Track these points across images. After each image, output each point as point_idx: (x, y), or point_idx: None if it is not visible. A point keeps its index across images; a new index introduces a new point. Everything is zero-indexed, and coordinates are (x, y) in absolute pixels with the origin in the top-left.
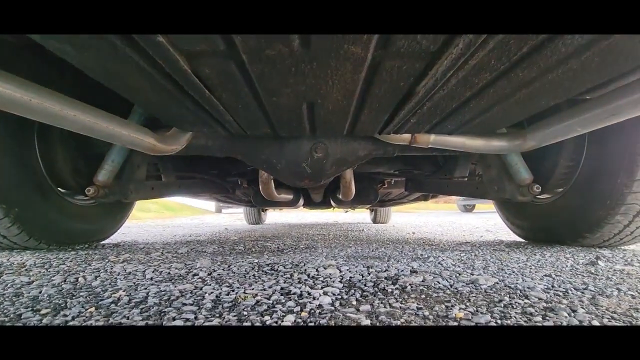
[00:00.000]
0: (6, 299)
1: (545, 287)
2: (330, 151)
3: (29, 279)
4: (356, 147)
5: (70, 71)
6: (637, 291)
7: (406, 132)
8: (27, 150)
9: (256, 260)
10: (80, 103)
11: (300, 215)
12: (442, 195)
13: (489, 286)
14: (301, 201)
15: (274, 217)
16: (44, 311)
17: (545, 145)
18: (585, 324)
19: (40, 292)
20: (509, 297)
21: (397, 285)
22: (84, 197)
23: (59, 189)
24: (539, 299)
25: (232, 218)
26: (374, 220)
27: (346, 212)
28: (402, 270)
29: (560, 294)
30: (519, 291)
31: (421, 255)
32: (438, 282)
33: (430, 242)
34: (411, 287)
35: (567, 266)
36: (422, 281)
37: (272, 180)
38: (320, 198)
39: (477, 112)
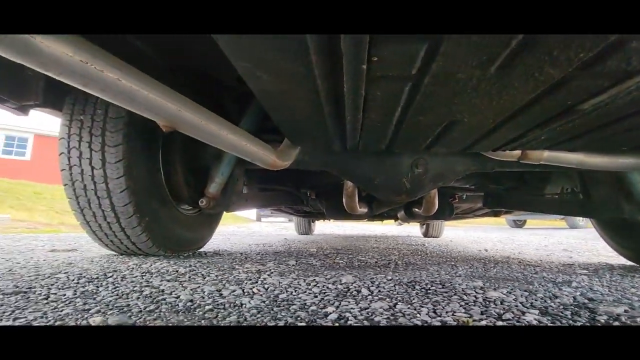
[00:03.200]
0: (235, 310)
1: None
2: (430, 166)
3: (211, 287)
4: (455, 162)
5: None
6: None
7: (518, 148)
8: (155, 162)
9: (389, 277)
10: (227, 122)
11: (341, 227)
12: (531, 212)
13: None
14: (371, 214)
15: (318, 228)
16: (280, 324)
17: None
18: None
19: (250, 303)
20: None
21: (604, 316)
22: (188, 207)
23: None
24: None
25: (275, 227)
26: (425, 234)
27: (400, 225)
28: (576, 298)
29: None
30: None
31: (552, 278)
32: None
33: (528, 262)
34: (626, 318)
35: None
36: (626, 312)
37: (357, 193)
38: (387, 211)
39: (625, 129)
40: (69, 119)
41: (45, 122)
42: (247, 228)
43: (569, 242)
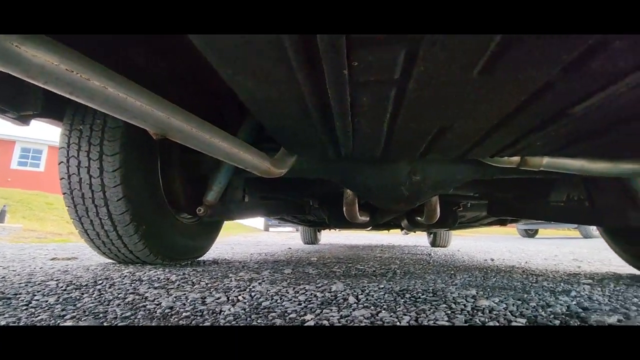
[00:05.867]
0: (215, 317)
1: None
2: (428, 174)
3: (196, 294)
4: (455, 170)
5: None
6: None
7: (517, 155)
8: (153, 171)
9: (381, 286)
10: (219, 130)
11: (349, 237)
12: (536, 220)
13: None
14: (373, 222)
15: (324, 238)
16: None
17: None
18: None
19: (230, 310)
20: None
21: (594, 325)
22: (187, 215)
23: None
24: None
25: (282, 237)
26: (433, 244)
27: (406, 234)
28: (569, 306)
29: None
30: None
31: (551, 287)
32: None
33: (532, 271)
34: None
35: None
36: (619, 321)
37: (357, 202)
38: (390, 220)
39: (625, 134)
40: (69, 129)
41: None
42: (254, 238)
43: (581, 252)
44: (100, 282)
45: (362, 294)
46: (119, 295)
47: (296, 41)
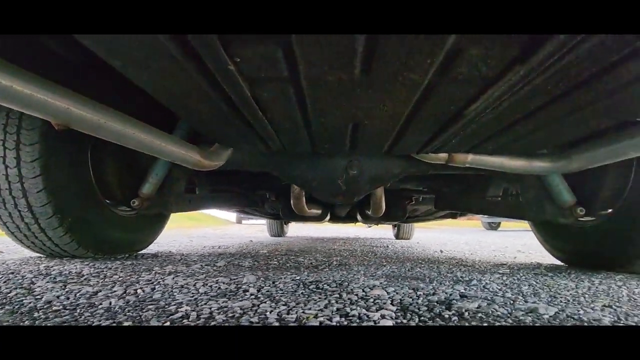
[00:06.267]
0: (86, 310)
1: (612, 320)
2: (365, 168)
3: (93, 289)
4: (390, 165)
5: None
6: None
7: (444, 152)
8: (82, 163)
9: (297, 277)
10: (140, 123)
11: (320, 229)
12: (475, 214)
13: (550, 316)
14: (328, 216)
15: (293, 230)
16: (125, 324)
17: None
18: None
19: (110, 304)
20: None
21: (452, 311)
22: (126, 208)
23: (106, 200)
24: None
25: (253, 229)
26: (397, 236)
27: (369, 227)
28: (451, 294)
29: None
30: (585, 324)
31: (462, 277)
32: (495, 309)
33: (464, 262)
34: (468, 313)
35: (623, 296)
36: (478, 307)
37: (304, 195)
38: (346, 213)
39: (522, 134)
40: None
41: None
42: (222, 230)
43: (532, 243)
44: (0, 277)
45: (268, 286)
46: (4, 291)
47: (169, 39)
